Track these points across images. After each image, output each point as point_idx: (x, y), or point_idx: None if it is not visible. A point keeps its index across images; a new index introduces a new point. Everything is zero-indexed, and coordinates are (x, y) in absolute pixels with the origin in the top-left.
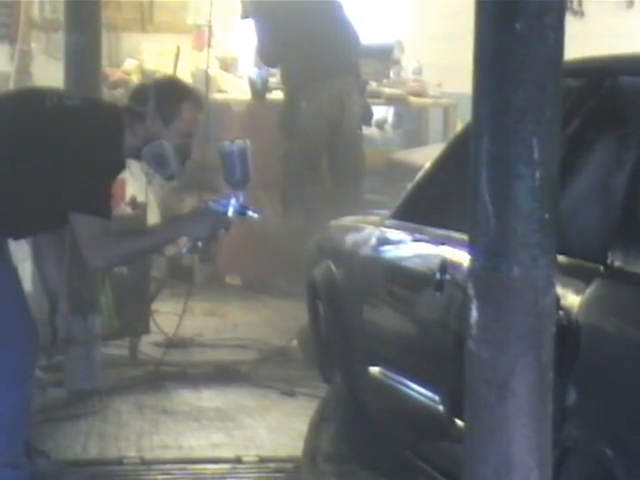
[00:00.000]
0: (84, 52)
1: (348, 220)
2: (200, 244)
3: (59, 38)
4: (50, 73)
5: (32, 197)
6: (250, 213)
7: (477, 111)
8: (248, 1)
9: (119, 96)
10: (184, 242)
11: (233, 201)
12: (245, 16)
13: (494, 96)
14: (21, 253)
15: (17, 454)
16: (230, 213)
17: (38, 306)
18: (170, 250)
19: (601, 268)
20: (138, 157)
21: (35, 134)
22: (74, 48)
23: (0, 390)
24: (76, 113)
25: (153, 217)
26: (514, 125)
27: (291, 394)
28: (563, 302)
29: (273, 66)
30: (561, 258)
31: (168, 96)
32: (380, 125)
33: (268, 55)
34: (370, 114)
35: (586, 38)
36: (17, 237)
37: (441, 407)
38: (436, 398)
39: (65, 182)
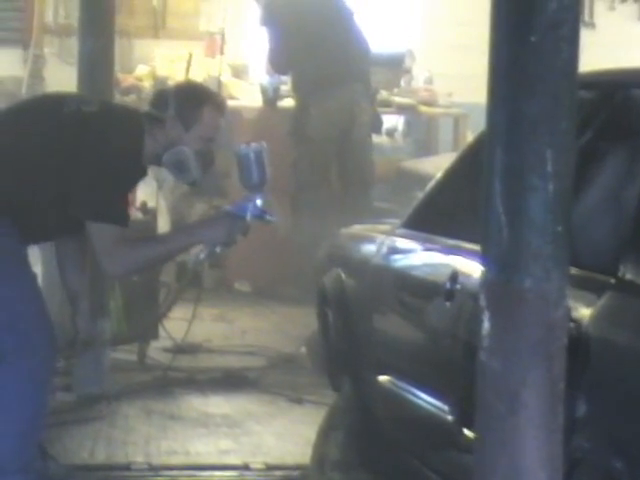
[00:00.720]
0: (97, 57)
1: (358, 228)
2: (218, 250)
3: (72, 43)
4: (63, 78)
5: (50, 204)
6: (268, 217)
7: (491, 122)
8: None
9: (131, 102)
10: (201, 248)
11: (251, 205)
12: (264, 22)
13: (508, 108)
14: (32, 257)
15: (30, 459)
16: (248, 217)
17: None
18: (188, 257)
19: (612, 280)
20: (159, 163)
21: (52, 141)
22: (87, 53)
23: (18, 397)
24: (94, 120)
25: (163, 223)
26: (528, 137)
27: (299, 401)
28: (574, 314)
29: (284, 74)
30: (572, 270)
31: (188, 101)
32: (390, 134)
33: (279, 63)
34: (380, 122)
35: (597, 50)
36: (35, 242)
37: (450, 417)
38: (445, 407)
39: (82, 190)
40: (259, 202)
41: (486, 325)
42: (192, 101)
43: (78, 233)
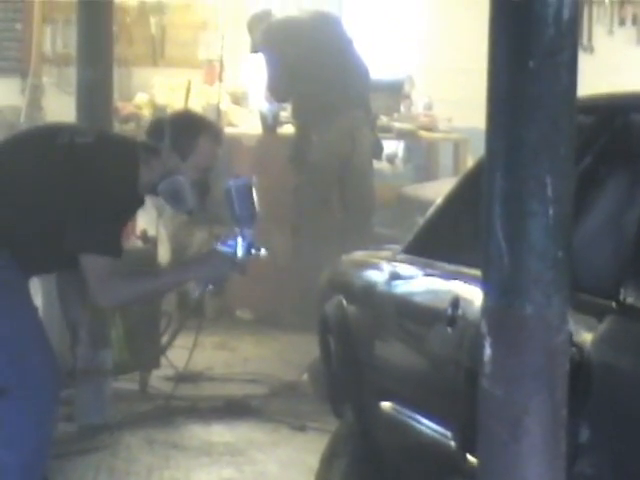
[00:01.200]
0: (96, 86)
1: (359, 255)
2: (210, 287)
3: (71, 72)
4: (62, 107)
5: (47, 237)
6: (258, 252)
7: (490, 148)
8: (257, 36)
9: (130, 130)
10: (194, 286)
11: (240, 240)
12: (255, 50)
13: (508, 133)
14: (32, 288)
15: None
16: (239, 253)
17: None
18: (165, 306)
19: (613, 304)
20: (155, 192)
21: (45, 173)
22: (86, 82)
23: (23, 430)
24: (87, 152)
25: (164, 251)
26: (527, 162)
27: (302, 429)
28: (575, 338)
29: (283, 101)
30: (573, 294)
31: (185, 130)
32: (391, 159)
33: (278, 90)
34: (380, 148)
35: (596, 73)
36: (35, 274)
37: (453, 443)
38: (448, 434)
39: (74, 222)
40: (249, 237)
41: (487, 351)
42: (188, 131)
43: (77, 266)
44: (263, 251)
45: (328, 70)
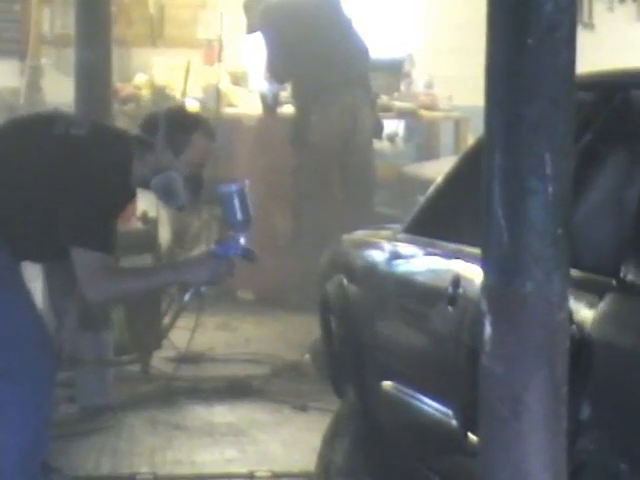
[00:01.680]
0: (95, 67)
1: (360, 234)
2: (203, 289)
3: (69, 53)
4: (61, 88)
5: (40, 227)
6: (252, 256)
7: (489, 126)
8: (255, 15)
9: (130, 111)
10: (186, 288)
11: (235, 244)
12: (251, 31)
13: (506, 111)
14: (31, 272)
15: (35, 474)
16: (232, 257)
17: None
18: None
19: (614, 282)
20: (147, 187)
21: (39, 163)
22: (85, 63)
23: (21, 413)
24: (82, 143)
25: (164, 232)
26: (527, 140)
27: (304, 409)
28: (576, 316)
29: (283, 82)
30: (574, 272)
31: (179, 126)
32: (391, 139)
33: (278, 70)
34: (381, 127)
35: (596, 51)
36: (30, 261)
37: (454, 421)
38: (449, 412)
39: (67, 215)
40: (243, 241)
41: (488, 329)
42: (183, 127)
43: (67, 256)
44: (256, 257)
45: (328, 49)
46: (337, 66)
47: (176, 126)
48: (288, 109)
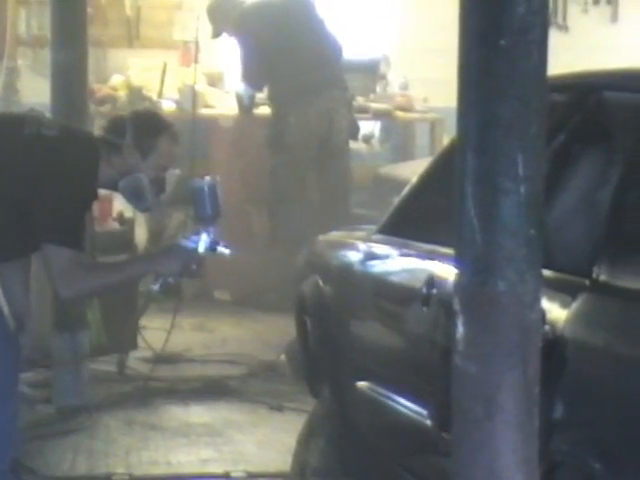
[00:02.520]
0: (71, 68)
1: (336, 235)
2: (171, 280)
3: (46, 54)
4: (37, 89)
5: (6, 224)
6: (221, 249)
7: (462, 127)
8: (219, 20)
9: (106, 112)
10: (155, 279)
11: (204, 237)
12: (216, 35)
13: (479, 112)
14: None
15: (2, 473)
16: (201, 249)
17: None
18: (142, 287)
19: (587, 282)
20: (115, 188)
21: (11, 162)
22: (61, 64)
23: None
24: (53, 143)
25: (141, 232)
26: (499, 140)
27: (280, 409)
28: (549, 316)
29: (260, 89)
30: (547, 272)
31: (146, 130)
32: (367, 140)
33: (254, 77)
34: (357, 128)
35: (571, 52)
36: None
37: (429, 421)
38: (424, 412)
39: (39, 212)
40: (212, 234)
41: (460, 329)
42: (149, 130)
43: (29, 255)
44: (227, 250)
45: (303, 52)
46: (313, 68)
47: (143, 129)
48: (264, 110)
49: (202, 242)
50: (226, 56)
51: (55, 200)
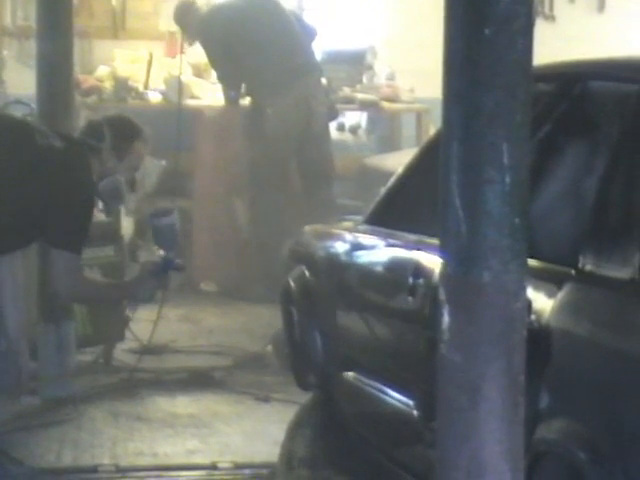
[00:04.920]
0: (56, 59)
1: (321, 226)
2: (141, 302)
3: (31, 45)
4: (22, 80)
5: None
6: (180, 265)
7: (447, 116)
8: (188, 24)
9: (92, 103)
10: (129, 306)
11: (168, 261)
12: (190, 40)
13: (464, 101)
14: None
15: None
16: (168, 272)
17: None
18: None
19: (572, 272)
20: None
21: (22, 169)
22: (46, 55)
23: None
24: (63, 155)
25: (127, 223)
26: (484, 130)
27: (266, 400)
28: (535, 306)
29: (237, 88)
30: (533, 262)
31: (122, 134)
32: (353, 130)
33: (229, 80)
34: (335, 113)
35: (557, 42)
36: None
37: (415, 412)
38: (410, 403)
39: (50, 220)
40: (172, 255)
41: (446, 319)
42: (126, 135)
43: (21, 248)
44: (182, 267)
45: (271, 45)
46: (284, 58)
47: (120, 134)
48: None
49: (167, 265)
50: None
51: (67, 209)
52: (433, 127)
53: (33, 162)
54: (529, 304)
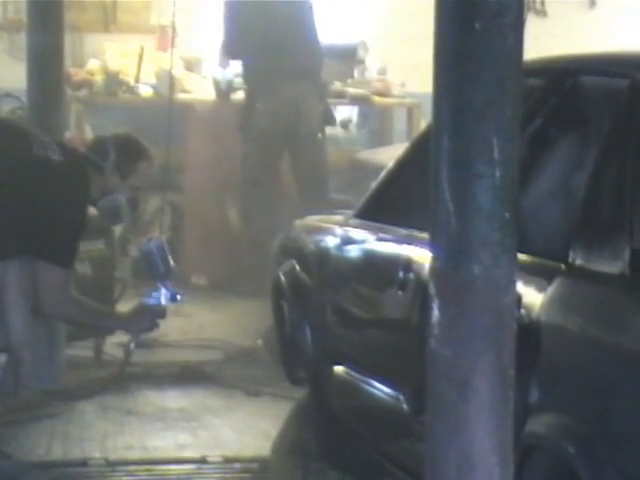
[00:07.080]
0: (47, 53)
1: (312, 220)
2: (141, 336)
3: (22, 39)
4: (13, 74)
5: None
6: (179, 297)
7: (437, 110)
8: None
9: (83, 97)
10: (130, 338)
11: (163, 291)
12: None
13: (454, 96)
14: None
15: None
16: (163, 302)
17: None
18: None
19: (562, 266)
20: (94, 205)
21: (17, 179)
22: (37, 49)
23: None
24: (59, 168)
25: None
26: (474, 124)
27: (256, 394)
28: (525, 300)
29: (234, 58)
30: (523, 257)
31: (128, 154)
32: (344, 125)
33: (231, 45)
34: (332, 117)
35: (549, 38)
36: None
37: (405, 406)
38: (400, 397)
39: (40, 233)
40: (169, 286)
41: (436, 313)
42: (131, 155)
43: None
44: (182, 298)
45: (281, 36)
46: (287, 57)
47: (125, 153)
48: (242, 96)
49: (163, 297)
50: (204, 41)
51: (53, 222)
52: (424, 122)
53: (25, 172)
54: (519, 298)
